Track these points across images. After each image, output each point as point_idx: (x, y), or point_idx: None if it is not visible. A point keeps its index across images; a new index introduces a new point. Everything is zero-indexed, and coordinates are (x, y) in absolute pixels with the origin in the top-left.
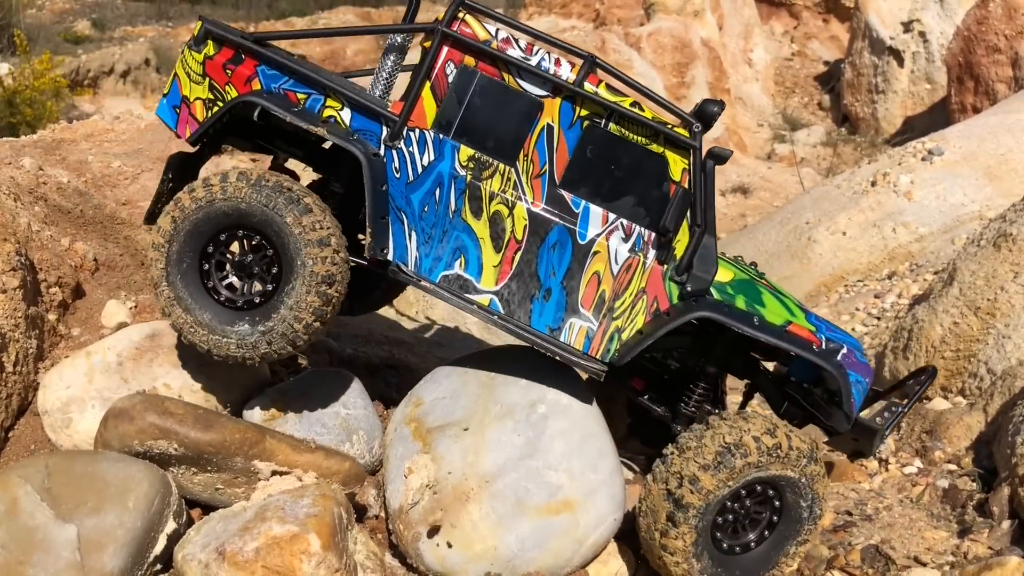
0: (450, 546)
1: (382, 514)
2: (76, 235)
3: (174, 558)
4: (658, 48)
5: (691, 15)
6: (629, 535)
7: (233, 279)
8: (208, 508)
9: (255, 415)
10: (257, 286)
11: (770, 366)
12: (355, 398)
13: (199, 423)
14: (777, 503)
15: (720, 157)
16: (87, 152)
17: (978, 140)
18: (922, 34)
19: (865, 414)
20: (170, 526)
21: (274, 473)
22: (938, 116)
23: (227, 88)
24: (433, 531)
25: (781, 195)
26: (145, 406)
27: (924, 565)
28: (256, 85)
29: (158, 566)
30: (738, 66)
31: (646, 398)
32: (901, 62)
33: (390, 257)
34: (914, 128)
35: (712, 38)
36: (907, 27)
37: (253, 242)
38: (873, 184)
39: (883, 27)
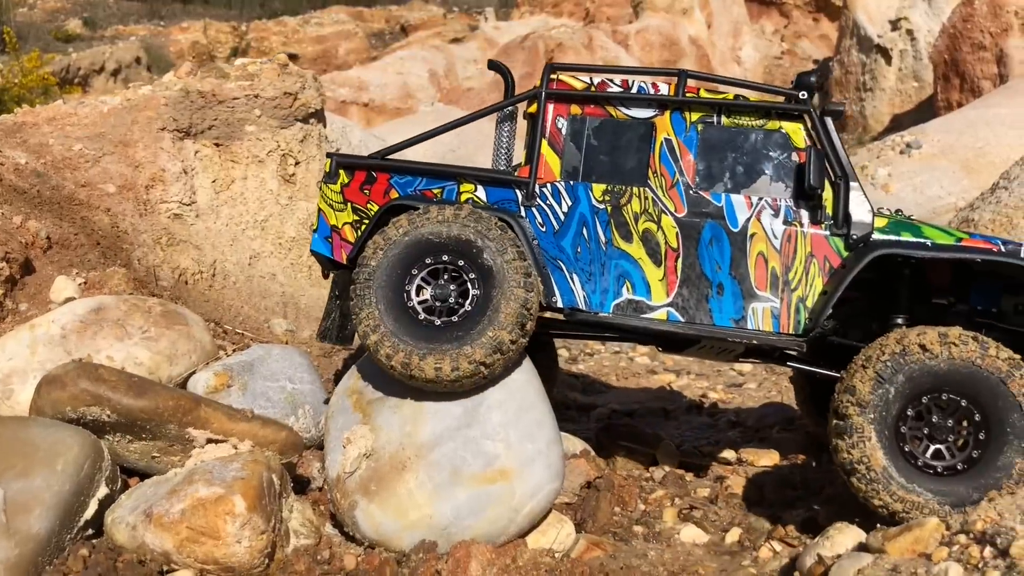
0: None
1: (326, 486)
2: (30, 214)
3: (104, 522)
4: (646, 45)
5: (680, 13)
6: (571, 507)
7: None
8: (146, 477)
9: (198, 386)
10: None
11: None
12: (302, 373)
13: (132, 389)
14: (978, 417)
15: (836, 112)
16: (48, 135)
17: (957, 134)
18: (910, 32)
19: None
20: (102, 491)
21: (209, 441)
22: (925, 113)
23: (369, 205)
24: None
25: None
26: (78, 372)
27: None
28: (394, 195)
29: (90, 530)
30: (727, 64)
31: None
32: (889, 60)
33: (560, 304)
34: (902, 125)
35: (700, 36)
36: (895, 25)
37: (452, 269)
38: None
39: (871, 25)
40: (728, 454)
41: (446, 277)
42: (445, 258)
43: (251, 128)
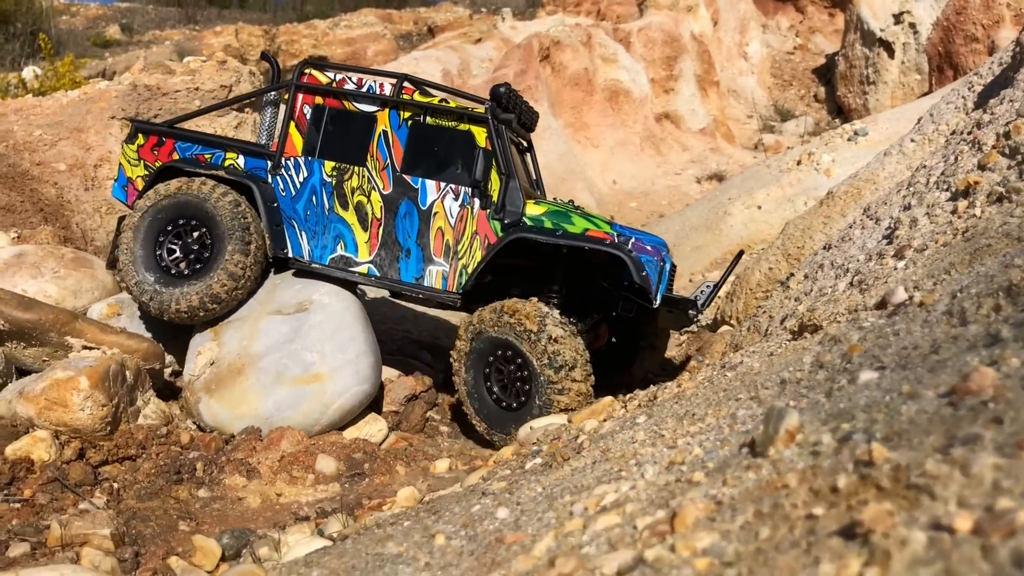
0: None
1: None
2: None
3: None
4: (648, 42)
5: (684, 10)
6: (398, 414)
7: (178, 253)
8: None
9: (94, 313)
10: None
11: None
12: None
13: (21, 305)
14: (527, 372)
15: (507, 121)
16: (14, 123)
17: (906, 121)
18: (912, 25)
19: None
20: None
21: (85, 347)
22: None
23: (156, 164)
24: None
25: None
26: None
27: None
28: (176, 156)
29: None
30: (733, 60)
31: None
32: (892, 53)
33: (290, 254)
34: None
35: (705, 32)
36: (898, 19)
37: (193, 229)
38: (798, 163)
39: (874, 19)
40: None
41: (192, 235)
42: (181, 221)
43: None
